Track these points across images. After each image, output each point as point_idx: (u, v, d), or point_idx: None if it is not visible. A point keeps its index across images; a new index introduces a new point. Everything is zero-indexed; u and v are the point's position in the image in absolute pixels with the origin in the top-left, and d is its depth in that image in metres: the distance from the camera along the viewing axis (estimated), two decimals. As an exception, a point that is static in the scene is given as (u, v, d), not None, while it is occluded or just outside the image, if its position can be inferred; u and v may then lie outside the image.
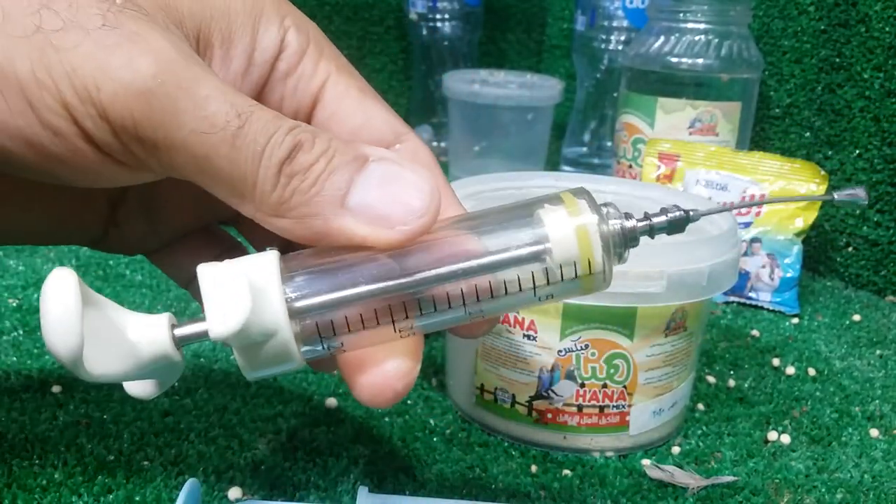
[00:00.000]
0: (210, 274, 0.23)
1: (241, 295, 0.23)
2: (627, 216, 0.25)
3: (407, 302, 0.25)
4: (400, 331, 0.25)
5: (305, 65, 0.27)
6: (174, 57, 0.22)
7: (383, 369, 0.25)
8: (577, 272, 0.25)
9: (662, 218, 0.26)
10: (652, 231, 0.26)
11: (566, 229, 0.25)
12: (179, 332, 0.24)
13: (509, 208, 0.26)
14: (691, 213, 0.26)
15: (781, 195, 0.60)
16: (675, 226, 0.26)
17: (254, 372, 0.24)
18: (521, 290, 0.25)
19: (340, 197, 0.23)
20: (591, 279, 0.25)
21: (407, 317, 0.25)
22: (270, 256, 0.24)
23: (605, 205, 0.26)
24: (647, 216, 0.26)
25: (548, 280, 0.25)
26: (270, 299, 0.23)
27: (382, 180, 0.23)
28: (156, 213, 0.31)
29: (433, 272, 0.24)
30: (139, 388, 0.26)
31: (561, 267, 0.25)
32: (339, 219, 0.23)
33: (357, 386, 0.26)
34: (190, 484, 0.29)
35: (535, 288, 0.25)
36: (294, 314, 0.24)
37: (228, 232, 0.34)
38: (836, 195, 0.29)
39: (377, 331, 0.25)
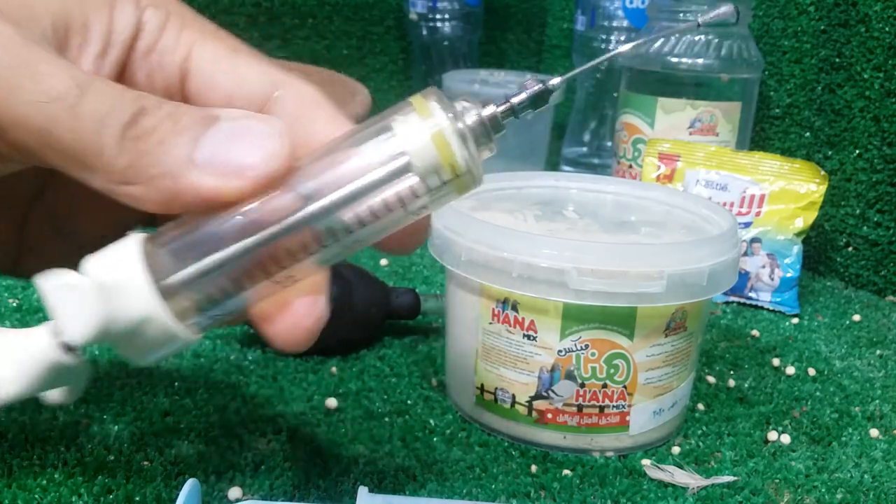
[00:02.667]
0: (50, 284, 0.23)
1: (88, 300, 0.23)
2: (485, 104, 0.25)
3: (277, 252, 0.24)
4: (283, 280, 0.25)
5: (166, 39, 0.27)
6: (16, 39, 0.23)
7: (289, 313, 0.26)
8: (443, 177, 0.24)
9: (522, 95, 0.25)
10: (514, 112, 0.25)
11: (422, 136, 0.24)
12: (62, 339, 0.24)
13: (364, 126, 0.25)
14: (549, 84, 0.25)
15: (781, 195, 0.60)
16: (537, 100, 0.25)
17: (143, 358, 0.25)
18: (390, 210, 0.24)
19: (188, 154, 0.23)
20: (459, 180, 0.24)
21: (283, 267, 0.24)
22: (131, 241, 0.24)
23: (460, 99, 0.25)
24: (505, 98, 0.25)
25: (415, 193, 0.24)
26: (135, 285, 0.23)
27: (231, 133, 0.23)
28: (67, 228, 0.31)
29: (299, 215, 0.24)
30: (54, 396, 0.26)
31: (425, 176, 0.24)
32: (187, 176, 0.23)
33: (270, 336, 0.26)
34: (190, 484, 0.29)
35: (404, 205, 0.24)
36: (168, 291, 0.24)
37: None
38: (700, 19, 0.28)
39: (261, 285, 0.25)
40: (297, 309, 0.26)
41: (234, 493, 0.35)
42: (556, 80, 0.25)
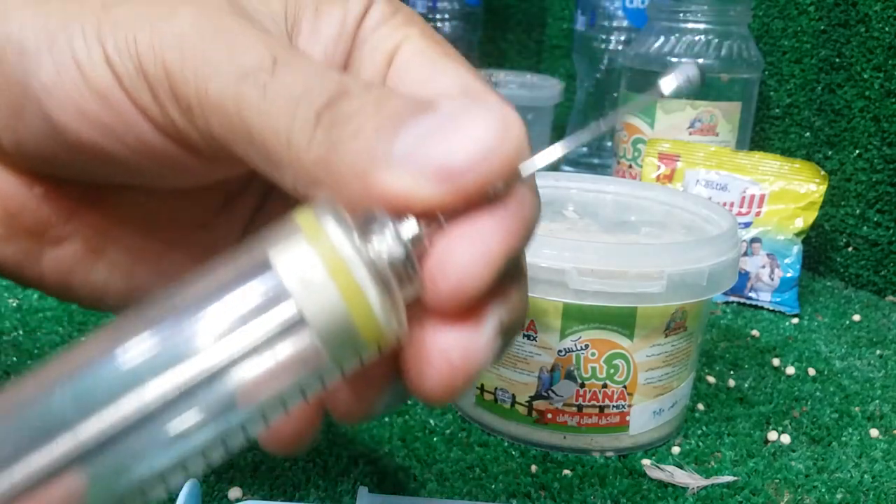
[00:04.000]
0: None
1: None
2: (401, 219, 0.17)
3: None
4: None
5: (385, 28, 0.23)
6: (221, 7, 0.20)
7: (426, 352, 0.18)
8: (350, 336, 0.17)
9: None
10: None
11: (314, 274, 0.16)
12: None
13: (227, 262, 0.17)
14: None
15: (781, 195, 0.60)
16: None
17: None
18: (267, 399, 0.17)
19: (385, 146, 0.18)
20: (373, 337, 0.17)
21: None
22: None
23: (366, 216, 0.17)
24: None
25: (312, 367, 0.17)
26: None
27: (443, 122, 0.18)
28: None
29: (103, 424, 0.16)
30: None
31: (321, 335, 0.16)
32: (378, 174, 0.17)
33: (414, 390, 0.20)
34: (190, 484, 0.29)
35: (299, 387, 0.17)
36: None
37: None
38: (662, 88, 0.20)
39: None
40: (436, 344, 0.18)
41: (234, 493, 0.35)
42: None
